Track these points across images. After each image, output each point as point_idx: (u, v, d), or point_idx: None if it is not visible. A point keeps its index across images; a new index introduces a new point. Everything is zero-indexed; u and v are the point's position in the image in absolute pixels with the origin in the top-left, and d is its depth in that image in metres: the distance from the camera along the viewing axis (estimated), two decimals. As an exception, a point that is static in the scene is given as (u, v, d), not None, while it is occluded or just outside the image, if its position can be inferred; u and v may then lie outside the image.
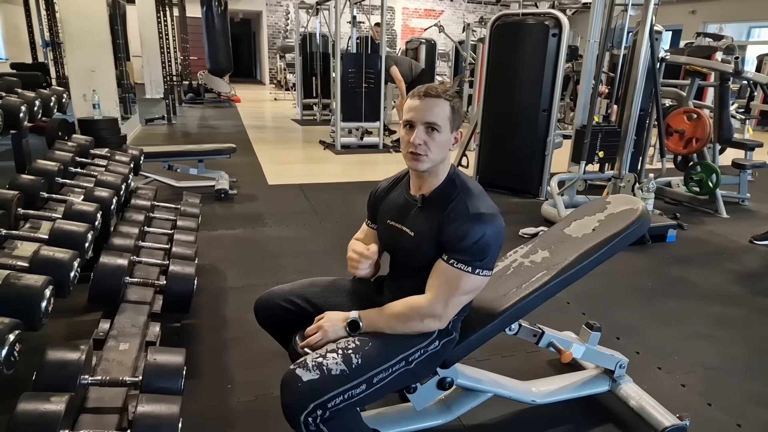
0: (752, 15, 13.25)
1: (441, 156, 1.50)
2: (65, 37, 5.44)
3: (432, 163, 1.50)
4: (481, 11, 19.03)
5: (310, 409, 1.33)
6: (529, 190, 5.27)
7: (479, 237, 1.43)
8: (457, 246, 1.45)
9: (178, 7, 12.29)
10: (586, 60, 4.45)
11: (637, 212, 1.87)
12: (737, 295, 3.28)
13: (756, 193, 5.40)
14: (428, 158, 1.48)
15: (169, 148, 5.84)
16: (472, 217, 1.45)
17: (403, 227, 1.59)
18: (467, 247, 1.44)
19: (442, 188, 1.55)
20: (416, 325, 1.50)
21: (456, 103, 1.50)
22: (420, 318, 1.49)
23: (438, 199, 1.54)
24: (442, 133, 1.47)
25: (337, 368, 1.39)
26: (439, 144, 1.48)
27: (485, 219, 1.45)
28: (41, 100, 2.82)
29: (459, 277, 1.46)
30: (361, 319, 1.52)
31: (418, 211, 1.57)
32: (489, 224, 1.45)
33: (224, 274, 3.25)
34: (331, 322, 1.53)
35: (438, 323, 1.51)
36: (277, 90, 16.65)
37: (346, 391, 1.38)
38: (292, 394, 1.35)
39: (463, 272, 1.45)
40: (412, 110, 1.49)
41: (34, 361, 1.41)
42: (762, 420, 2.12)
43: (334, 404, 1.36)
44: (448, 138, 1.50)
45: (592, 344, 2.03)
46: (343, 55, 7.48)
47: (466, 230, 1.43)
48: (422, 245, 1.53)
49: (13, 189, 2.18)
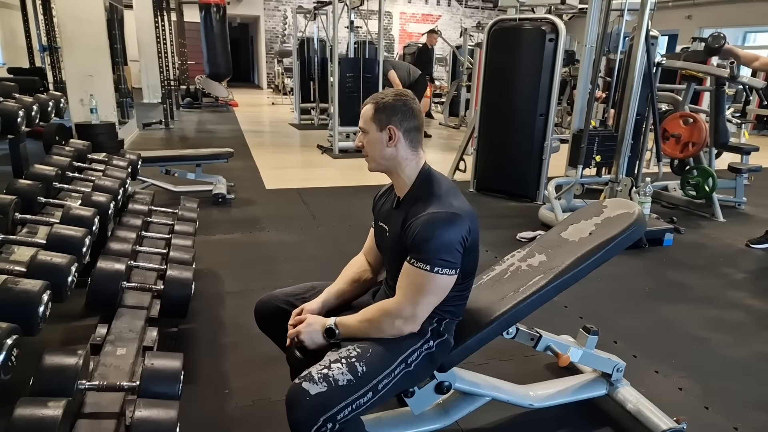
0: (748, 20, 13.31)
1: (380, 154, 1.57)
2: (63, 41, 5.44)
3: (376, 162, 1.59)
4: (478, 16, 19.11)
5: (320, 423, 1.32)
6: (527, 194, 5.28)
7: (434, 236, 1.43)
8: (416, 246, 1.46)
9: (176, 11, 12.30)
10: (583, 65, 4.47)
11: (633, 216, 1.88)
12: (734, 299, 3.29)
13: (752, 197, 5.42)
14: (370, 158, 1.59)
15: (166, 153, 5.83)
16: (429, 217, 1.46)
17: (384, 226, 1.66)
18: (425, 247, 1.44)
19: (413, 189, 1.59)
20: (389, 329, 1.49)
21: (382, 102, 1.54)
22: (391, 320, 1.49)
23: (408, 199, 1.59)
24: (369, 133, 1.56)
25: (344, 378, 1.38)
26: (370, 143, 1.56)
27: (442, 218, 1.45)
28: (38, 104, 2.82)
29: (420, 276, 1.45)
30: (338, 326, 1.53)
31: (394, 212, 1.63)
32: (446, 223, 1.45)
33: (222, 278, 3.25)
34: (310, 327, 1.55)
35: (410, 326, 1.50)
36: (274, 94, 16.66)
37: (354, 401, 1.38)
38: (301, 409, 1.33)
39: (424, 272, 1.44)
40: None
41: (31, 367, 1.40)
42: (759, 423, 2.12)
43: (343, 416, 1.36)
44: (378, 136, 1.55)
45: (589, 348, 2.04)
46: (341, 60, 7.48)
47: (423, 230, 1.45)
48: (397, 244, 1.56)
49: (11, 194, 2.18)
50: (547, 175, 5.17)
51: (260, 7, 18.02)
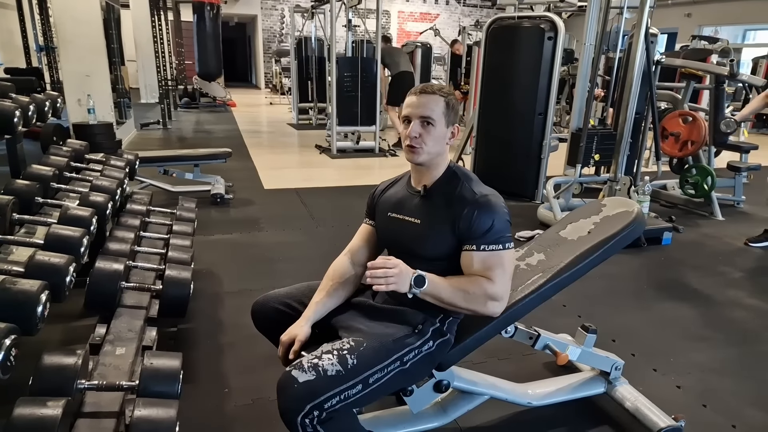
0: (747, 18, 13.34)
1: (437, 149, 1.59)
2: (60, 41, 5.44)
3: (428, 155, 1.58)
4: (476, 15, 19.10)
5: (306, 410, 1.33)
6: (525, 194, 5.28)
7: (495, 217, 1.53)
8: (480, 232, 1.53)
9: (173, 11, 12.28)
10: (582, 63, 4.47)
11: (632, 215, 1.88)
12: (732, 297, 3.29)
13: (751, 195, 5.43)
14: (424, 150, 1.57)
15: (164, 153, 5.82)
16: (484, 202, 1.54)
17: (405, 217, 1.65)
18: (491, 230, 1.53)
19: (444, 178, 1.64)
20: (477, 305, 1.55)
21: (451, 100, 1.59)
22: (485, 299, 1.54)
23: (441, 187, 1.62)
24: (436, 127, 1.56)
25: (333, 369, 1.40)
26: (435, 137, 1.57)
27: (495, 200, 1.57)
28: (36, 105, 2.81)
29: (499, 257, 1.54)
30: (427, 280, 1.50)
31: (421, 201, 1.64)
32: (499, 205, 1.56)
33: (220, 278, 3.25)
34: (401, 270, 1.48)
35: (500, 306, 1.58)
36: (272, 94, 16.66)
37: (342, 392, 1.39)
38: (289, 395, 1.36)
39: (499, 251, 1.54)
40: (409, 106, 1.59)
41: (30, 367, 1.40)
42: (757, 421, 2.13)
43: (330, 405, 1.36)
44: (444, 132, 1.59)
45: (587, 346, 2.04)
46: (339, 59, 7.47)
47: (482, 215, 1.53)
48: (431, 232, 1.59)
49: (8, 194, 2.17)
50: (545, 174, 5.17)
51: (257, 7, 18.00)
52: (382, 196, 1.76)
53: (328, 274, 1.73)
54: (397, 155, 7.55)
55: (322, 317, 1.65)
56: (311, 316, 1.62)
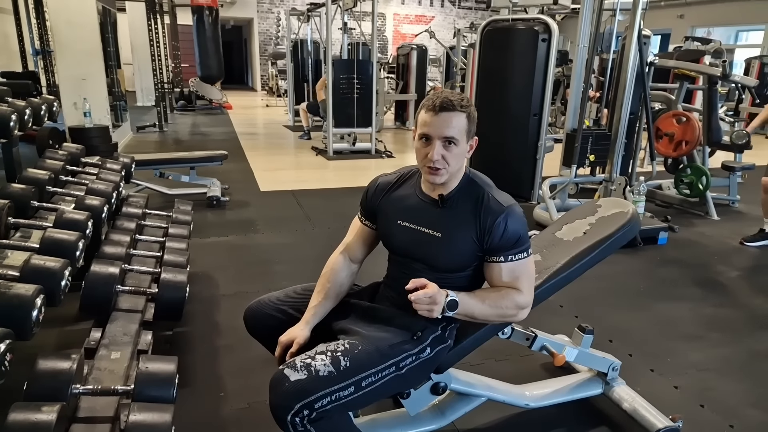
0: (740, 19, 13.39)
1: (458, 165, 1.53)
2: (55, 45, 5.43)
3: (450, 174, 1.52)
4: (471, 17, 19.12)
5: (296, 409, 1.33)
6: (521, 194, 5.28)
7: (520, 227, 1.53)
8: (510, 243, 1.52)
9: (169, 14, 12.28)
10: (576, 64, 4.49)
11: (627, 215, 1.89)
12: (729, 297, 3.30)
13: (746, 194, 5.44)
14: (447, 171, 1.50)
15: (160, 156, 5.79)
16: (512, 213, 1.53)
17: (422, 229, 1.57)
18: (519, 240, 1.53)
19: (462, 187, 1.57)
20: (509, 317, 1.60)
21: (472, 112, 1.51)
22: (516, 310, 1.56)
23: (461, 197, 1.57)
24: (459, 145, 1.49)
25: (325, 369, 1.39)
26: (457, 156, 1.50)
27: (518, 209, 1.55)
28: (32, 108, 2.81)
29: (525, 265, 1.55)
30: (459, 303, 1.49)
31: (440, 212, 1.57)
32: (521, 213, 1.56)
33: (216, 281, 3.24)
34: (437, 299, 1.45)
35: (528, 312, 1.59)
36: (268, 96, 16.65)
37: (333, 393, 1.38)
38: (279, 393, 1.36)
39: (524, 260, 1.55)
40: (429, 125, 1.47)
41: (25, 371, 1.40)
42: (754, 421, 2.13)
43: (321, 405, 1.36)
44: (465, 148, 1.52)
45: (584, 347, 2.04)
46: (335, 62, 7.48)
47: (511, 228, 1.51)
48: (453, 247, 1.54)
49: (4, 198, 2.17)
50: (541, 175, 5.18)
51: (254, 10, 18.00)
52: (386, 198, 1.67)
53: (324, 274, 1.70)
54: (394, 157, 7.56)
55: (321, 319, 1.64)
56: (311, 320, 1.61)
